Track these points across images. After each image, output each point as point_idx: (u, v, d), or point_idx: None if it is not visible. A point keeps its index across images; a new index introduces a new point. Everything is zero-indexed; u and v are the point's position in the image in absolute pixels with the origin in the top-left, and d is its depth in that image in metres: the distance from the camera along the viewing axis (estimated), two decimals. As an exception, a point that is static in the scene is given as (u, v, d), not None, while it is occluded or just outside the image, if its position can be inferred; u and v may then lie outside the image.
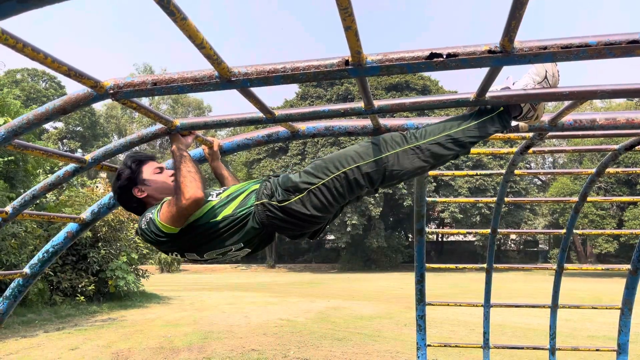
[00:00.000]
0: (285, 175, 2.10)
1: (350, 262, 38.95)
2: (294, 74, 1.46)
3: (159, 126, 2.08)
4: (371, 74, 1.45)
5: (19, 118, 1.59)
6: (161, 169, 2.31)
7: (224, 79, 1.49)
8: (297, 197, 2.00)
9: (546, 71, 1.94)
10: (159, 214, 2.02)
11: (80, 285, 14.37)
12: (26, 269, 2.51)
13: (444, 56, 1.40)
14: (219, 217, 2.07)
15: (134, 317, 12.89)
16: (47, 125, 51.00)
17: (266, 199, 2.04)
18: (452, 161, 2.26)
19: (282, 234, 2.16)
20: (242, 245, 2.13)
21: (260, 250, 2.28)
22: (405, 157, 1.98)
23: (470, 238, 46.94)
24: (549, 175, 44.80)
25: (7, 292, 2.55)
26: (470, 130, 1.99)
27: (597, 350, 4.41)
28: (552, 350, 4.21)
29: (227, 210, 2.08)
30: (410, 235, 43.67)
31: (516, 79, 2.05)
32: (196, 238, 2.09)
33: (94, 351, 8.80)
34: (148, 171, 2.27)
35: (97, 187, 17.59)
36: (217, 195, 2.16)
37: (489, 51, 1.37)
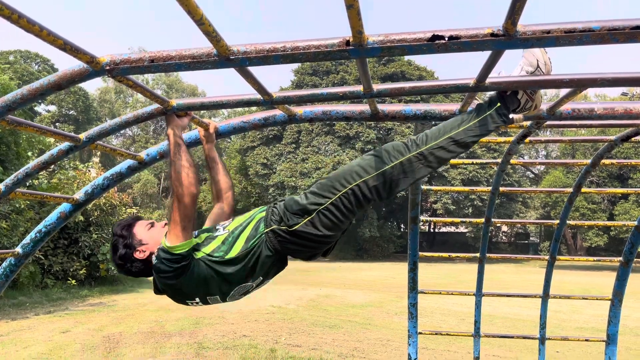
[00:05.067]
0: (291, 198, 2.09)
1: (343, 252, 39.06)
2: (293, 54, 1.44)
3: (155, 106, 2.05)
4: (372, 54, 1.43)
5: (12, 93, 1.56)
6: (152, 224, 2.23)
7: (223, 57, 1.47)
8: (307, 219, 1.99)
9: (537, 60, 1.93)
10: (166, 239, 1.97)
11: (71, 269, 14.34)
12: (18, 249, 2.49)
13: (446, 38, 1.38)
14: (233, 255, 2.03)
15: (126, 302, 12.89)
16: (39, 109, 50.55)
17: (275, 225, 2.03)
18: None
19: (296, 256, 2.15)
20: (262, 278, 2.12)
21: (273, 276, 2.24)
22: (410, 165, 1.99)
23: (462, 229, 47.18)
24: (541, 169, 45.05)
25: (-1, 272, 2.53)
26: (472, 130, 2.00)
27: (586, 340, 4.45)
28: (542, 340, 4.24)
29: (239, 244, 2.05)
30: (402, 226, 43.85)
31: (507, 73, 2.04)
32: (214, 276, 2.03)
33: (85, 334, 8.80)
34: (140, 231, 2.19)
35: (89, 171, 17.47)
36: (224, 228, 2.13)
37: (492, 34, 1.35)
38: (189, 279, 2.01)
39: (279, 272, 2.20)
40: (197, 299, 2.10)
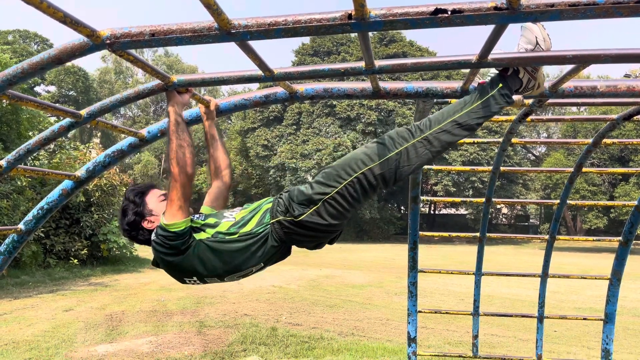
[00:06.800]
0: (297, 188, 2.09)
1: (343, 233, 38.56)
2: (295, 27, 1.43)
3: (156, 82, 2.04)
4: (374, 28, 1.42)
5: (13, 67, 1.56)
6: (165, 195, 2.24)
7: (224, 31, 1.46)
8: (313, 209, 1.99)
9: (536, 37, 1.91)
10: (163, 217, 2.00)
11: (73, 249, 14.43)
12: (21, 225, 2.51)
13: (449, 12, 1.37)
14: (237, 236, 2.06)
15: (128, 282, 12.99)
16: (39, 89, 50.31)
17: (282, 216, 2.04)
18: None
19: (301, 246, 2.17)
20: (263, 265, 2.13)
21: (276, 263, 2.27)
22: (414, 151, 1.98)
23: (462, 211, 47.31)
24: (542, 151, 45.00)
25: (2, 248, 2.55)
26: (475, 112, 1.98)
27: (584, 319, 4.49)
28: (540, 319, 4.28)
29: (246, 229, 2.07)
30: (402, 208, 43.93)
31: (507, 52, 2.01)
32: (216, 258, 2.05)
33: (87, 313, 8.89)
34: (152, 201, 2.23)
35: (89, 151, 17.47)
36: (232, 215, 2.15)
37: (495, 8, 1.34)
38: (187, 259, 2.04)
39: (281, 260, 2.23)
40: (195, 278, 2.13)
